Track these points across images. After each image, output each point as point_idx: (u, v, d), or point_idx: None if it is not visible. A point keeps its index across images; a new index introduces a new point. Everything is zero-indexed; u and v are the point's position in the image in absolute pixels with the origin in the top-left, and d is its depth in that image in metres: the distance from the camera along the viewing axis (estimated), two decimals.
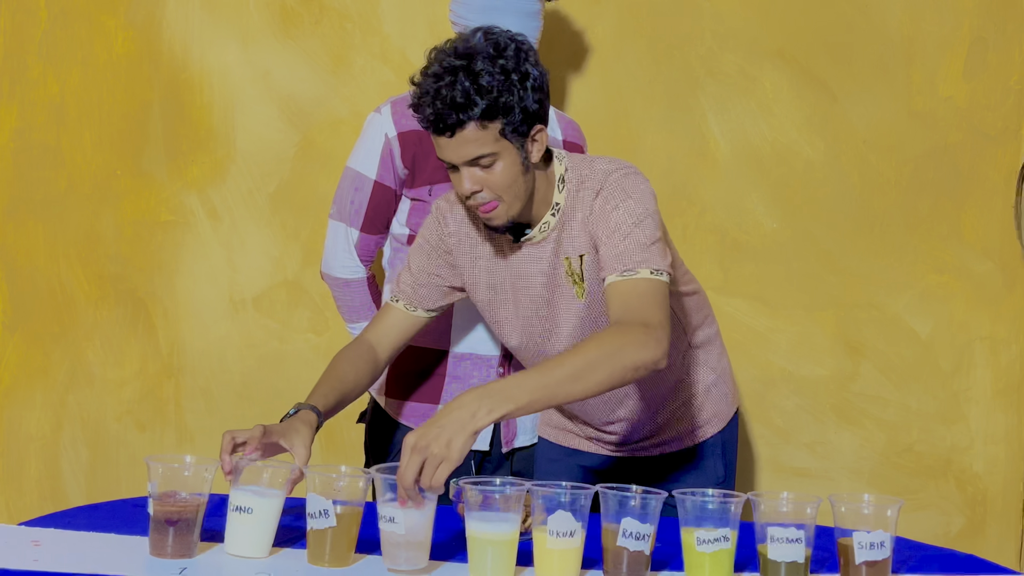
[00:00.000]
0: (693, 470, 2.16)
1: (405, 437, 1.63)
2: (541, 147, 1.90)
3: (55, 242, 2.83)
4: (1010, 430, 2.83)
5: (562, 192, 1.95)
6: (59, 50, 2.81)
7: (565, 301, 1.97)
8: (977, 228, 2.84)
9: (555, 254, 1.96)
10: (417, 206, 2.33)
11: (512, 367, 2.35)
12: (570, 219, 1.94)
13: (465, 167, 1.86)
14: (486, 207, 1.88)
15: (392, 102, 2.36)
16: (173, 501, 1.63)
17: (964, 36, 2.82)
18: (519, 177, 1.88)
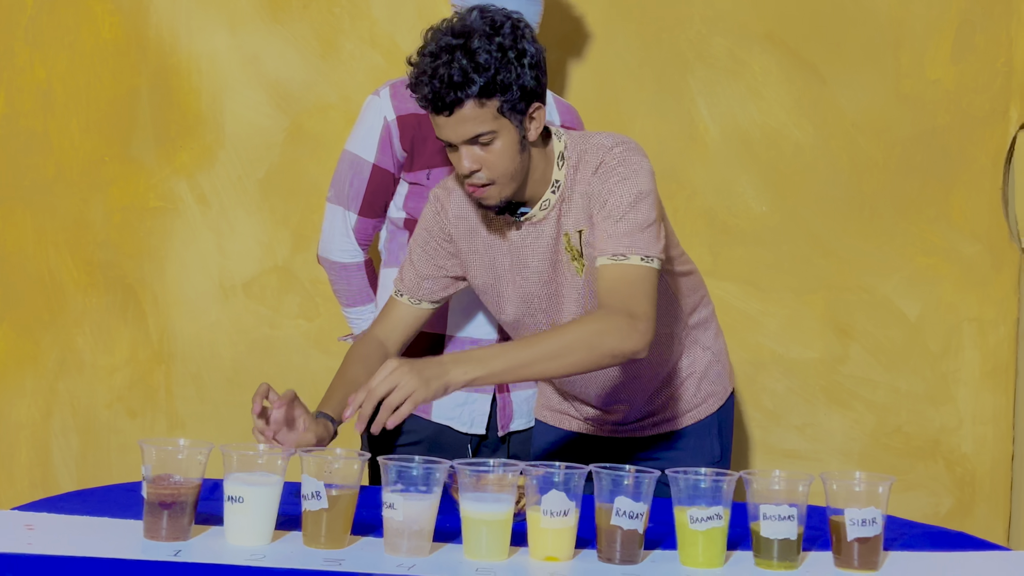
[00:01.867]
0: (690, 449, 2.17)
1: (387, 361, 1.73)
2: (539, 125, 1.91)
3: (43, 229, 2.82)
4: (998, 411, 2.85)
5: (562, 169, 1.96)
6: (46, 36, 2.80)
7: (567, 278, 1.98)
8: (965, 210, 2.85)
9: (556, 231, 1.97)
10: (415, 190, 2.33)
11: None
12: (570, 195, 1.96)
13: (464, 146, 1.87)
14: (480, 190, 1.90)
15: (391, 85, 2.35)
16: (167, 484, 1.63)
17: (952, 19, 2.83)
18: (517, 156, 1.89)
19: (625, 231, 1.86)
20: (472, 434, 2.34)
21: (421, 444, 2.32)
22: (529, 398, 2.39)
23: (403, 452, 2.29)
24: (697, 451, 2.17)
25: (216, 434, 2.81)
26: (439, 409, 2.33)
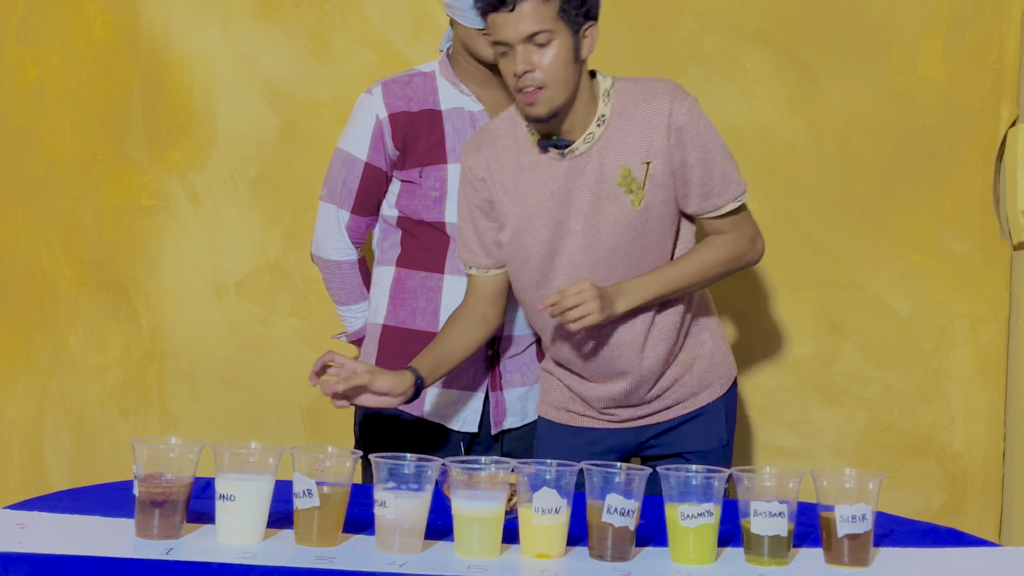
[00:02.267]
0: (698, 432, 2.21)
1: (582, 280, 2.00)
2: (591, 44, 2.05)
3: (36, 228, 2.82)
4: (990, 408, 2.86)
5: (607, 105, 2.06)
6: (37, 34, 2.80)
7: (612, 211, 2.06)
8: (957, 207, 2.85)
9: (601, 164, 2.05)
10: (407, 187, 2.34)
11: (500, 351, 2.36)
12: (621, 129, 2.05)
13: (521, 44, 1.97)
14: (531, 94, 1.98)
15: (383, 83, 2.36)
16: (159, 483, 1.63)
17: (943, 16, 2.84)
18: (569, 65, 2.00)
19: (730, 177, 2.11)
20: (465, 432, 2.35)
21: (413, 442, 2.32)
22: (522, 396, 2.39)
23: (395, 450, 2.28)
24: (705, 434, 2.21)
25: (209, 432, 2.81)
26: (432, 407, 2.33)
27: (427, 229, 2.34)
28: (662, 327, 2.14)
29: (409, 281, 2.35)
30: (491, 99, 2.37)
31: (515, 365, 2.38)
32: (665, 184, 2.08)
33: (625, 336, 2.12)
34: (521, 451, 2.36)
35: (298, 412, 2.84)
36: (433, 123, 2.32)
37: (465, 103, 2.34)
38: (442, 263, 2.33)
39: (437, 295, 2.33)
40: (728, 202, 2.11)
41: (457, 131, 2.33)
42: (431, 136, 2.31)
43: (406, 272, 2.36)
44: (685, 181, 2.08)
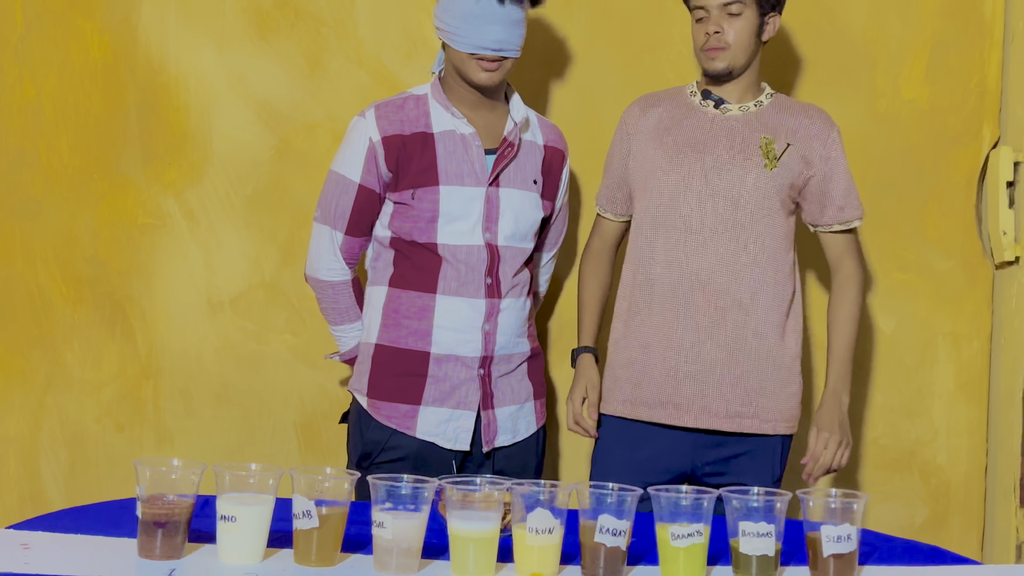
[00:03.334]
0: (755, 463, 2.36)
1: (818, 433, 2.38)
2: (772, 31, 2.43)
3: (32, 245, 2.84)
4: (972, 423, 2.90)
5: (769, 99, 2.46)
6: (35, 54, 2.82)
7: (749, 164, 2.38)
8: (940, 227, 2.90)
9: (747, 129, 2.41)
10: (400, 209, 2.38)
11: (491, 369, 2.40)
12: (774, 115, 2.42)
13: (716, 10, 2.36)
14: (716, 50, 2.36)
15: (376, 106, 2.40)
16: (161, 503, 1.67)
17: (926, 40, 2.89)
18: (752, 39, 2.39)
19: (855, 199, 2.48)
20: (456, 450, 2.38)
21: (406, 460, 2.35)
22: (513, 414, 2.43)
23: (388, 468, 2.32)
24: (762, 469, 2.35)
25: (204, 448, 2.84)
26: (424, 426, 2.37)
27: (420, 250, 2.37)
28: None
29: (401, 301, 2.39)
30: (482, 121, 2.41)
31: (506, 383, 2.42)
32: (795, 170, 2.40)
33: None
34: (513, 468, 2.40)
35: (292, 428, 2.87)
36: (425, 145, 2.36)
37: (457, 125, 2.38)
38: (434, 283, 2.37)
39: (429, 315, 2.37)
40: (854, 218, 2.48)
41: (449, 153, 2.37)
42: (423, 158, 2.35)
43: (399, 292, 2.39)
44: (826, 190, 2.43)
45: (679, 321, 2.34)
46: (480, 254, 2.36)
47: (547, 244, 2.60)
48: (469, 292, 2.36)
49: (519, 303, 2.42)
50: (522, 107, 2.46)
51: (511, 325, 2.41)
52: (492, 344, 2.38)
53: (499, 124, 2.43)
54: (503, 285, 2.38)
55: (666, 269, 2.36)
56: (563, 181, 2.55)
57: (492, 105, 2.43)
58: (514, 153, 2.42)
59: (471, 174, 2.37)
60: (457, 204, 2.35)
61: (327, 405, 2.86)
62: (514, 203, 2.41)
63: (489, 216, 2.37)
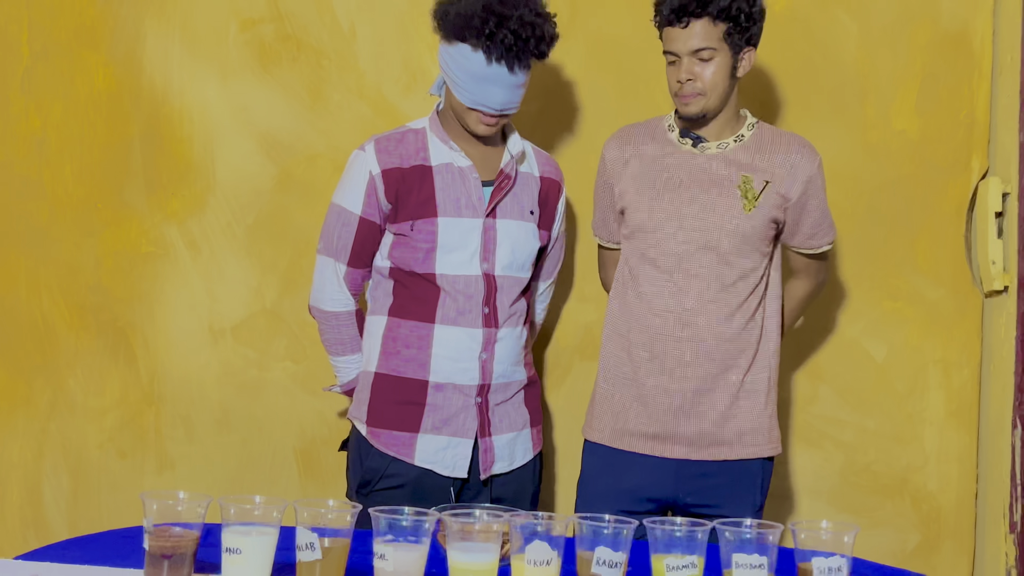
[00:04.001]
0: (737, 491, 2.38)
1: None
2: (747, 67, 2.39)
3: (37, 273, 2.88)
4: (962, 449, 2.94)
5: (750, 131, 2.44)
6: (41, 85, 2.87)
7: (727, 203, 2.38)
8: (930, 256, 2.95)
9: (728, 168, 2.40)
10: (399, 240, 2.43)
11: (488, 397, 2.44)
12: (753, 152, 2.41)
13: (687, 57, 2.32)
14: (688, 96, 2.34)
15: (376, 140, 2.45)
16: (168, 536, 1.70)
17: (916, 72, 2.94)
18: (725, 80, 2.35)
19: (829, 226, 2.51)
20: (455, 477, 2.42)
21: (404, 488, 2.39)
22: (510, 441, 2.47)
23: (387, 495, 2.36)
24: (744, 494, 2.38)
25: (205, 474, 2.88)
26: (422, 453, 2.41)
27: (418, 280, 2.42)
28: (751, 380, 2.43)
29: (400, 330, 2.43)
30: (479, 154, 2.46)
31: (503, 411, 2.46)
32: (774, 206, 2.40)
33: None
34: (510, 495, 2.44)
35: (292, 454, 2.90)
36: (424, 178, 2.41)
37: (454, 158, 2.43)
38: (433, 313, 2.41)
39: (428, 343, 2.41)
40: (825, 245, 2.52)
41: (447, 185, 2.42)
42: (422, 191, 2.40)
43: (398, 321, 2.44)
44: (797, 221, 2.45)
45: (658, 354, 2.38)
46: (477, 284, 2.40)
47: (543, 273, 2.64)
48: (467, 321, 2.40)
49: (516, 332, 2.47)
50: (519, 140, 2.51)
51: (508, 354, 2.45)
52: (489, 373, 2.42)
53: (496, 157, 2.48)
54: (500, 314, 2.43)
55: (646, 305, 2.40)
56: (559, 211, 2.60)
57: (489, 139, 2.48)
58: (511, 185, 2.47)
59: (469, 206, 2.42)
60: (455, 235, 2.40)
61: (327, 432, 2.89)
62: (511, 233, 2.45)
63: (487, 247, 2.42)
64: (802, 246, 2.50)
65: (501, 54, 2.31)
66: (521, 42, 2.32)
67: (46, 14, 2.86)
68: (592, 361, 2.87)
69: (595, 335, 2.90)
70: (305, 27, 2.88)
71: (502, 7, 2.31)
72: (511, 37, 2.30)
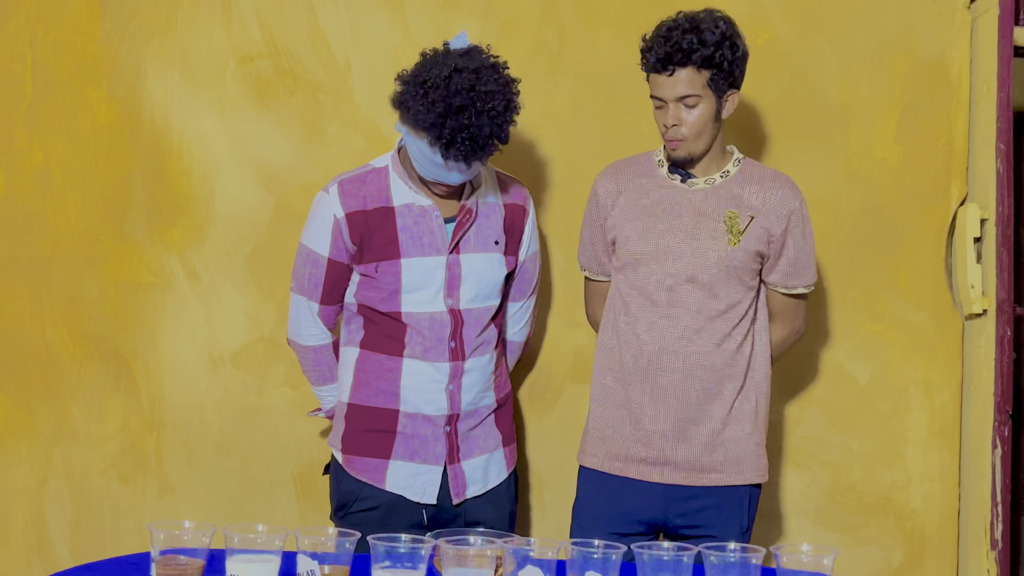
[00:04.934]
0: (725, 512, 2.44)
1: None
2: (731, 108, 2.46)
3: (40, 303, 2.94)
4: (944, 469, 3.01)
5: (736, 167, 2.50)
6: (44, 120, 2.94)
7: (713, 237, 2.45)
8: (911, 280, 3.02)
9: (714, 203, 2.46)
10: (365, 280, 2.50)
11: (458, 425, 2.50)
12: (739, 188, 2.47)
13: (673, 103, 2.39)
14: (675, 141, 2.41)
15: (340, 182, 2.50)
16: (174, 564, 1.76)
17: (896, 102, 3.02)
18: (710, 123, 2.42)
19: (812, 270, 2.56)
20: (424, 504, 2.48)
21: (378, 510, 2.47)
22: (483, 463, 2.52)
23: (362, 517, 2.43)
24: (731, 518, 2.44)
25: (205, 499, 2.94)
26: (392, 480, 2.47)
27: (385, 318, 2.48)
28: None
29: (370, 362, 2.50)
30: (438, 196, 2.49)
31: (473, 436, 2.52)
32: (759, 241, 2.46)
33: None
34: (487, 517, 2.49)
35: (290, 478, 2.96)
36: (386, 219, 2.46)
37: (415, 199, 2.48)
38: (400, 348, 2.48)
39: (396, 376, 2.48)
40: (802, 286, 2.54)
41: (409, 226, 2.46)
42: (384, 232, 2.46)
43: (368, 354, 2.51)
44: (778, 255, 2.49)
45: (647, 383, 2.45)
46: (443, 320, 2.46)
47: (514, 294, 2.67)
48: (433, 356, 2.46)
49: (484, 360, 2.52)
50: (479, 173, 2.51)
51: (476, 383, 2.51)
52: (457, 403, 2.48)
53: (454, 199, 2.50)
54: (467, 347, 2.49)
55: (635, 336, 2.47)
56: (527, 234, 2.62)
57: None
58: (472, 219, 2.51)
59: (431, 244, 2.47)
60: (418, 275, 2.45)
61: (323, 456, 2.94)
62: (475, 268, 2.50)
63: (451, 283, 2.48)
64: (779, 284, 2.53)
65: (458, 156, 2.31)
66: (478, 146, 2.29)
67: (49, 51, 2.93)
68: (582, 384, 2.95)
69: (585, 359, 2.97)
70: (302, 62, 2.95)
71: (458, 118, 2.25)
72: (468, 145, 2.28)
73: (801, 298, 2.58)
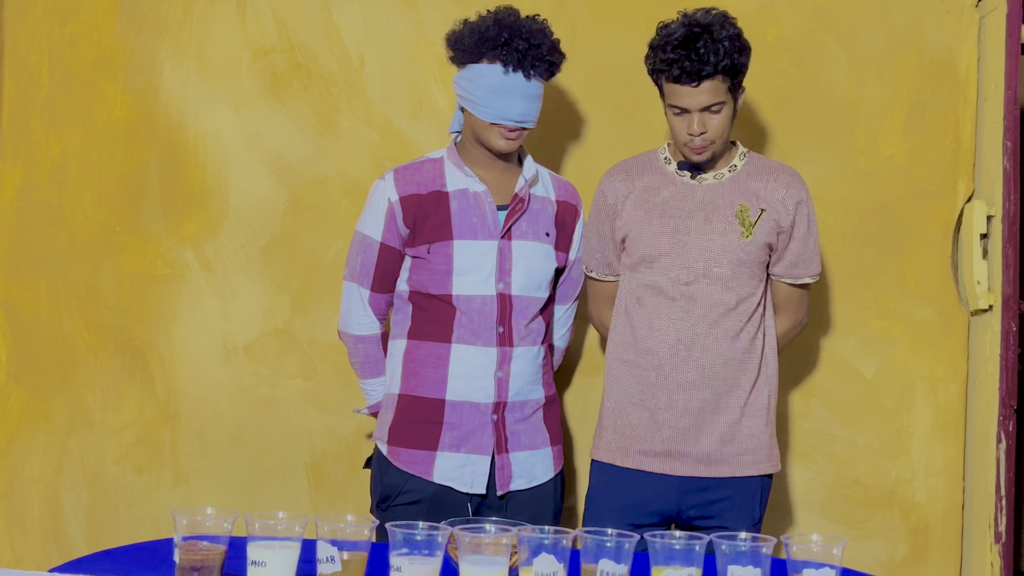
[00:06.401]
0: (737, 503, 2.47)
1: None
2: (740, 104, 2.50)
3: (57, 295, 2.97)
4: (949, 463, 3.03)
5: (742, 160, 2.55)
6: (60, 114, 2.97)
7: (726, 231, 2.48)
8: (917, 276, 3.04)
9: (723, 197, 2.50)
10: (417, 263, 2.54)
11: (505, 415, 2.53)
12: (747, 181, 2.51)
13: (698, 113, 2.41)
14: (701, 147, 2.43)
15: (395, 170, 2.57)
16: (196, 549, 1.80)
17: (904, 100, 3.04)
18: (729, 125, 2.47)
19: (816, 259, 2.59)
20: (473, 494, 2.52)
21: (421, 503, 2.48)
22: (529, 458, 2.55)
23: (404, 510, 2.45)
24: (743, 509, 2.47)
25: (218, 488, 2.97)
26: (440, 470, 2.50)
27: (435, 302, 2.52)
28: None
29: (419, 351, 2.53)
30: (494, 180, 2.57)
31: (522, 429, 2.54)
32: (770, 233, 2.50)
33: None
34: (529, 513, 2.50)
35: (303, 469, 3.00)
36: (440, 203, 2.52)
37: (469, 184, 2.54)
38: (449, 333, 2.51)
39: (444, 363, 2.51)
40: (807, 276, 2.58)
41: (462, 210, 2.52)
42: (438, 215, 2.51)
43: (416, 343, 2.54)
44: (784, 245, 2.52)
45: (661, 379, 2.48)
46: (492, 304, 2.50)
47: (561, 296, 2.71)
48: (481, 341, 2.49)
49: (532, 351, 2.55)
50: (532, 164, 2.61)
51: (523, 372, 2.53)
52: (505, 391, 2.51)
53: (511, 182, 2.58)
54: (515, 334, 2.52)
55: (649, 332, 2.50)
56: (577, 234, 2.68)
57: (505, 165, 2.58)
58: (525, 207, 2.56)
59: (484, 228, 2.52)
60: (470, 257, 2.50)
61: (336, 447, 2.99)
62: (527, 254, 2.55)
63: (502, 267, 2.52)
64: (785, 275, 2.56)
65: (517, 61, 2.43)
66: (534, 48, 2.45)
67: (65, 45, 2.96)
68: (590, 378, 2.98)
69: (595, 353, 3.00)
70: (316, 57, 2.98)
71: (512, 20, 2.46)
72: (524, 44, 2.43)
73: (805, 288, 2.62)
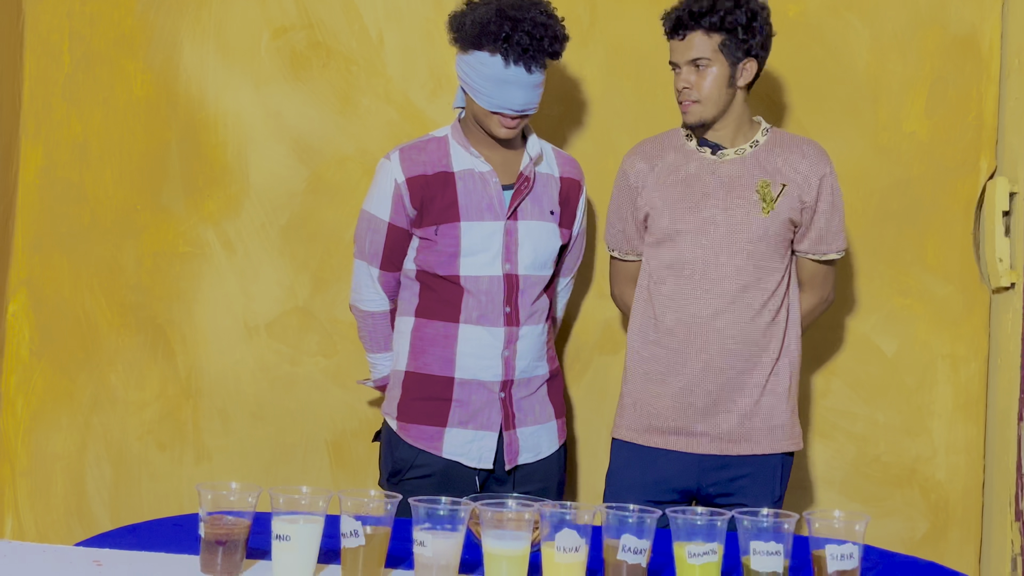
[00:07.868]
0: (758, 481, 2.48)
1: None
2: (748, 77, 2.50)
3: (79, 273, 2.99)
4: (970, 441, 3.03)
5: (765, 136, 2.55)
6: (82, 93, 2.98)
7: (745, 211, 2.49)
8: (939, 254, 3.02)
9: (744, 173, 2.51)
10: (424, 244, 2.54)
11: (512, 392, 2.55)
12: (769, 156, 2.52)
13: (685, 66, 2.46)
14: (686, 104, 2.47)
15: (400, 149, 2.56)
16: (222, 523, 1.81)
17: (926, 76, 3.02)
18: (723, 89, 2.46)
19: (841, 234, 2.58)
20: (480, 468, 2.53)
21: (432, 477, 2.51)
22: (535, 433, 2.57)
23: (415, 484, 2.48)
24: (764, 486, 2.48)
25: (240, 465, 2.99)
26: (449, 446, 2.52)
27: (443, 282, 2.53)
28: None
29: (427, 330, 2.54)
30: (500, 159, 2.56)
31: (528, 404, 2.57)
32: (792, 209, 2.50)
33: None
34: (536, 486, 2.53)
35: (324, 446, 3.02)
36: (446, 184, 2.52)
37: (475, 164, 2.54)
38: (457, 313, 2.52)
39: (453, 343, 2.52)
40: (833, 252, 2.57)
41: (468, 191, 2.52)
42: (445, 196, 2.51)
43: (424, 321, 2.55)
44: (809, 221, 2.53)
45: (683, 357, 2.48)
46: (499, 284, 2.51)
47: (564, 269, 2.74)
48: (489, 321, 2.51)
49: (537, 329, 2.57)
50: (537, 143, 2.61)
51: (530, 350, 2.55)
52: (512, 369, 2.53)
53: (516, 161, 2.58)
54: (522, 313, 2.53)
55: (672, 310, 2.50)
56: (580, 210, 2.69)
57: (509, 144, 2.58)
58: (530, 187, 2.57)
59: (490, 209, 2.52)
60: (477, 238, 2.50)
61: (356, 424, 3.01)
62: (532, 234, 2.55)
63: (508, 248, 2.52)
64: (810, 251, 2.57)
65: (518, 55, 2.41)
66: (536, 42, 2.43)
67: (86, 24, 2.97)
68: (611, 355, 2.98)
69: (615, 330, 3.00)
70: (335, 34, 2.98)
71: (515, 11, 2.43)
72: (526, 38, 2.41)
73: (831, 264, 2.62)
